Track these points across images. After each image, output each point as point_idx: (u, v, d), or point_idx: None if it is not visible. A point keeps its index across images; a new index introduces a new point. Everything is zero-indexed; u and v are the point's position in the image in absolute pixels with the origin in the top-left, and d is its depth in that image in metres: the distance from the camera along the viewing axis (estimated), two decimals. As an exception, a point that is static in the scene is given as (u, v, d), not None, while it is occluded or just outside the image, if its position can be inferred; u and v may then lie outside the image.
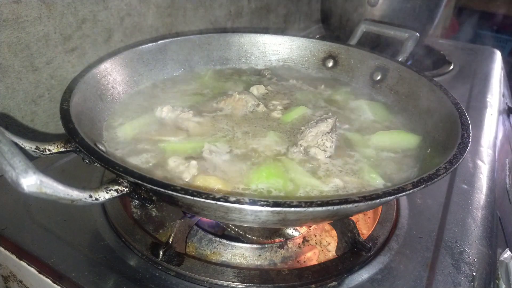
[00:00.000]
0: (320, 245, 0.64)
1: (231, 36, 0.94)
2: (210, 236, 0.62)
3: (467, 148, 0.54)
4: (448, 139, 0.60)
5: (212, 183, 0.56)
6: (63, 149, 0.54)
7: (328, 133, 0.66)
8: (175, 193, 0.42)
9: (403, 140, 0.69)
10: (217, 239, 0.62)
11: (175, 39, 0.88)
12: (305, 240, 0.64)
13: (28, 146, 0.52)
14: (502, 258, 0.70)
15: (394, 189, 0.45)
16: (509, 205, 0.94)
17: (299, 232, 0.66)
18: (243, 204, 0.41)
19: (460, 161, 0.51)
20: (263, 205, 0.41)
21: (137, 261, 0.57)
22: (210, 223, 0.66)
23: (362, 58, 0.89)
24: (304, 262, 0.61)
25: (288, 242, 0.63)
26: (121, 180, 0.46)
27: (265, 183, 0.57)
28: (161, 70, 0.86)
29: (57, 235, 0.61)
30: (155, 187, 0.43)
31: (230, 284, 0.54)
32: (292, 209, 0.41)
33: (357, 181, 0.59)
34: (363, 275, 0.58)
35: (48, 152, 0.54)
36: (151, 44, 0.84)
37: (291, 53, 0.96)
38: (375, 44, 1.23)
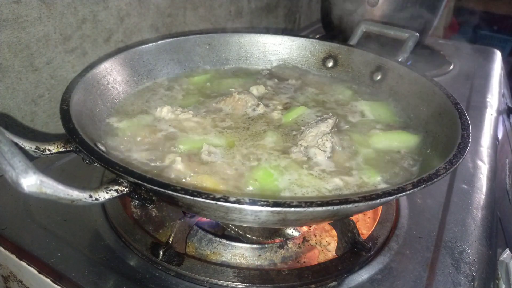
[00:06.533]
0: (320, 245, 0.64)
1: (231, 36, 0.94)
2: (210, 236, 0.62)
3: (467, 148, 0.54)
4: (448, 139, 0.60)
5: (211, 183, 0.56)
6: (63, 149, 0.54)
7: (328, 133, 0.66)
8: (175, 193, 0.42)
9: (403, 140, 0.69)
10: (217, 239, 0.62)
11: (175, 39, 0.88)
12: (305, 240, 0.64)
13: (28, 146, 0.52)
14: (502, 258, 0.70)
15: (394, 189, 0.45)
16: (509, 205, 0.94)
17: (299, 232, 0.66)
18: (243, 204, 0.41)
19: (460, 161, 0.51)
20: (263, 205, 0.41)
21: (137, 261, 0.58)
22: (210, 223, 0.66)
23: (362, 58, 0.89)
24: (304, 262, 0.61)
25: (288, 242, 0.63)
26: (121, 180, 0.46)
27: (264, 183, 0.57)
28: (161, 70, 0.86)
29: (57, 235, 0.61)
30: (155, 187, 0.43)
31: (230, 284, 0.54)
32: (292, 209, 0.41)
33: (357, 181, 0.59)
34: (363, 275, 0.58)
35: (48, 152, 0.54)
36: (151, 44, 0.84)
37: (291, 53, 0.96)
38: (375, 44, 1.23)
